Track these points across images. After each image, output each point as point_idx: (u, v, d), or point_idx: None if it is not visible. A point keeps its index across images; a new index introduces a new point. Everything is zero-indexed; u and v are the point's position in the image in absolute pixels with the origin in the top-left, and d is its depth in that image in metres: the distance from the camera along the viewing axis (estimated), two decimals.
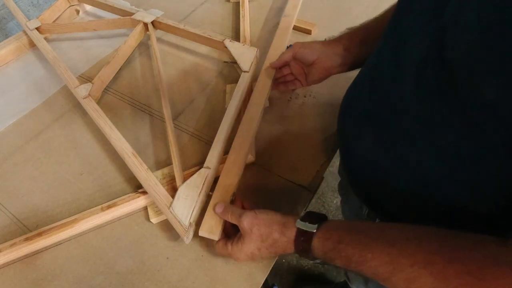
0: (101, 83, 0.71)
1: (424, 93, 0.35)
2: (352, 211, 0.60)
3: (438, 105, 0.33)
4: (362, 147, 0.46)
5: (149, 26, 0.79)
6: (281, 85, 0.67)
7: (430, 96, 0.34)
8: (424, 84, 0.34)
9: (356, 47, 0.56)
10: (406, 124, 0.38)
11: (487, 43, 0.26)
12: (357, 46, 0.56)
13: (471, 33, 0.28)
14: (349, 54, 0.57)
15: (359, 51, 0.56)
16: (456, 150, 0.34)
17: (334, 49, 0.58)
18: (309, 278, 1.20)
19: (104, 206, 0.54)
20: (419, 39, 0.35)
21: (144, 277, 0.49)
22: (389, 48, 0.42)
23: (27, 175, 0.61)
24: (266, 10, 0.89)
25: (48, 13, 0.86)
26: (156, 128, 0.66)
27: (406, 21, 0.38)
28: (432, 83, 0.33)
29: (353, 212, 0.59)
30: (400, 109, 0.39)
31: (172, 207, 0.50)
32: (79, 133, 0.66)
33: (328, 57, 0.58)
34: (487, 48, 0.26)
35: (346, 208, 0.64)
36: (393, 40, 0.41)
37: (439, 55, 0.31)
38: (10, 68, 0.80)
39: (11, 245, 0.50)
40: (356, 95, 0.50)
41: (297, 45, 0.60)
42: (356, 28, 0.58)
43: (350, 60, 0.57)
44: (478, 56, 0.27)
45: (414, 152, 0.38)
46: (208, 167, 0.54)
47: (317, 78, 0.61)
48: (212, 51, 0.79)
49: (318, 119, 0.65)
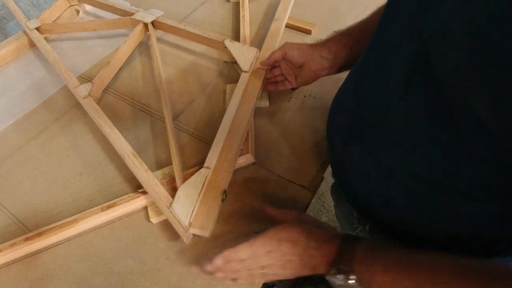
0: (101, 83, 0.71)
1: (410, 106, 0.34)
2: (344, 216, 0.60)
3: (425, 117, 0.32)
4: (350, 155, 0.45)
5: (149, 26, 0.79)
6: (271, 85, 0.67)
7: (416, 109, 0.33)
8: (410, 96, 0.33)
9: (342, 50, 0.56)
10: (393, 135, 0.37)
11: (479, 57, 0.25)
12: (343, 50, 0.56)
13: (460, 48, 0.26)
14: (336, 57, 0.57)
15: (345, 54, 0.56)
16: (443, 162, 0.33)
17: (321, 52, 0.58)
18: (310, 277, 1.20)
19: (104, 206, 0.54)
20: (403, 51, 0.34)
21: (144, 277, 0.49)
22: (373, 58, 0.41)
23: (27, 175, 0.61)
24: (266, 10, 0.89)
25: (48, 13, 0.86)
26: (156, 128, 0.66)
27: (389, 32, 0.38)
28: (419, 96, 0.32)
29: (344, 216, 0.59)
30: (385, 119, 0.38)
31: (172, 207, 0.50)
32: (79, 133, 0.66)
33: (315, 60, 0.58)
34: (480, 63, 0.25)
35: (339, 213, 0.63)
36: (378, 50, 0.40)
37: (425, 68, 0.31)
38: (10, 68, 0.80)
39: (11, 245, 0.50)
40: (342, 102, 0.50)
41: (287, 45, 0.61)
42: (342, 32, 0.58)
43: (337, 63, 0.58)
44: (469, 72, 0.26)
45: (401, 162, 0.37)
46: (208, 167, 0.54)
47: (306, 80, 0.62)
48: (212, 51, 0.79)
49: (318, 119, 0.65)
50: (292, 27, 0.83)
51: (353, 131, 0.44)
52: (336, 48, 0.57)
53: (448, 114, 0.30)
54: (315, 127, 0.64)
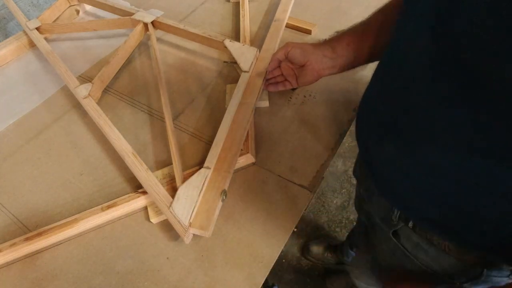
0: (101, 83, 0.71)
1: (441, 94, 0.33)
2: (380, 213, 0.56)
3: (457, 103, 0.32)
4: (385, 153, 0.44)
5: (149, 26, 0.79)
6: (271, 85, 0.67)
7: (449, 96, 0.32)
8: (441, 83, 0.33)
9: (344, 49, 0.56)
10: (431, 128, 0.36)
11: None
12: (346, 49, 0.56)
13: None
14: (338, 56, 0.57)
15: (348, 53, 0.56)
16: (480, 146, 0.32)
17: (323, 51, 0.58)
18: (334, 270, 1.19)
19: (104, 206, 0.54)
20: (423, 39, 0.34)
21: (144, 277, 0.49)
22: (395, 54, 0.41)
23: (27, 175, 0.61)
24: (266, 10, 0.89)
25: (48, 13, 0.86)
26: (156, 128, 0.66)
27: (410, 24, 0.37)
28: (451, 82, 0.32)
29: (380, 213, 0.56)
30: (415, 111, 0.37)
31: (172, 207, 0.50)
32: (79, 133, 0.66)
33: (317, 60, 0.58)
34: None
35: (372, 209, 0.60)
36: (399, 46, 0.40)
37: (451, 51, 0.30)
38: (10, 68, 0.80)
39: (11, 245, 0.50)
40: (370, 99, 0.49)
41: (289, 44, 0.61)
42: (344, 31, 0.58)
43: (340, 63, 0.58)
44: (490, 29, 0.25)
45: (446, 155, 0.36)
46: (208, 167, 0.54)
47: (307, 80, 0.61)
48: (212, 51, 0.79)
49: (318, 119, 0.65)
50: (292, 27, 0.83)
51: (385, 127, 0.44)
52: (339, 47, 0.57)
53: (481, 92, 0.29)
54: (315, 127, 0.64)
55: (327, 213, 1.36)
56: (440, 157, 0.37)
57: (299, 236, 1.30)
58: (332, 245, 1.21)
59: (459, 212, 0.40)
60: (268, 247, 0.50)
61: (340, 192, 1.41)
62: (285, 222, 0.53)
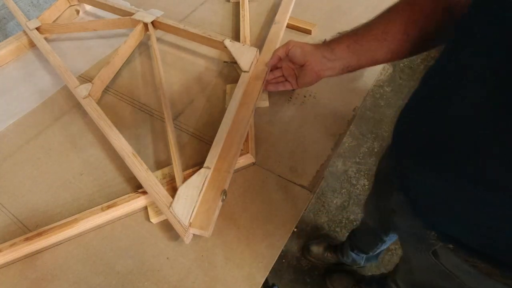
0: (101, 83, 0.71)
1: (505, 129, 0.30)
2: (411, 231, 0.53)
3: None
4: (425, 181, 0.42)
5: (149, 26, 0.79)
6: (271, 85, 0.67)
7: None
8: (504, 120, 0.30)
9: (345, 52, 0.56)
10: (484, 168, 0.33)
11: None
12: (345, 51, 0.56)
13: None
14: (337, 58, 0.57)
15: (348, 56, 0.56)
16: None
17: (323, 52, 0.57)
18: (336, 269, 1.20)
19: (104, 206, 0.54)
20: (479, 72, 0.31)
21: (144, 277, 0.49)
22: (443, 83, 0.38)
23: (27, 175, 0.61)
24: (266, 10, 0.89)
25: (48, 13, 0.86)
26: (156, 128, 0.66)
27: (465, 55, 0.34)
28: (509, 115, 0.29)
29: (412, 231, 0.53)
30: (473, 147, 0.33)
31: (172, 207, 0.50)
32: (79, 133, 0.66)
33: (317, 60, 0.58)
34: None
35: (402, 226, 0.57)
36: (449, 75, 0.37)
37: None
38: (10, 68, 0.80)
39: (11, 245, 0.50)
40: (411, 123, 0.45)
41: (291, 42, 0.61)
42: (346, 33, 0.57)
43: (339, 65, 0.57)
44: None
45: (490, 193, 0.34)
46: (208, 167, 0.54)
47: (307, 81, 0.61)
48: (212, 51, 0.79)
49: (318, 119, 0.65)
50: (292, 27, 0.83)
51: (427, 157, 0.41)
52: (339, 49, 0.56)
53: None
54: (315, 127, 0.64)
55: (327, 213, 1.36)
56: (491, 196, 0.35)
57: (299, 236, 1.30)
58: (332, 245, 1.21)
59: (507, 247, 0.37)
60: (268, 247, 0.50)
61: (340, 192, 1.41)
62: (285, 222, 0.53)
